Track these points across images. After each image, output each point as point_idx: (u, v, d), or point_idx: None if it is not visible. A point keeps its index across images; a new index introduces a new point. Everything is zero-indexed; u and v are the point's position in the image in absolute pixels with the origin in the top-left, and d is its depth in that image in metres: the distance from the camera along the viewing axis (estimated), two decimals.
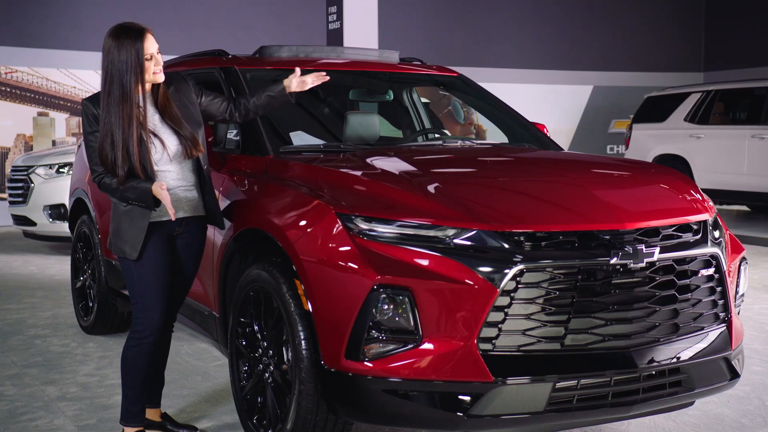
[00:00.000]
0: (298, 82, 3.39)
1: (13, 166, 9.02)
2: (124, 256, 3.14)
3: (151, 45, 3.09)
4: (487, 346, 2.68)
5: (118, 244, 3.15)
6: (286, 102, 3.42)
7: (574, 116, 15.50)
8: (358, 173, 3.16)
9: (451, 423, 2.71)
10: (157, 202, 3.03)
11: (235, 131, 3.83)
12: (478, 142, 4.46)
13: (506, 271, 2.66)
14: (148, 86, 3.13)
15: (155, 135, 3.11)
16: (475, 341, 2.66)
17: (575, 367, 2.73)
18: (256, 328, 3.24)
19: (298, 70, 3.42)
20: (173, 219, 3.08)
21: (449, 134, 5.18)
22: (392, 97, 4.95)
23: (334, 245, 2.83)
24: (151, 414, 3.44)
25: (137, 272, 3.15)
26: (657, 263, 2.85)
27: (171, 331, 3.44)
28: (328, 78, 3.45)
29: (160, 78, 3.13)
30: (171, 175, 3.16)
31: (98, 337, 5.17)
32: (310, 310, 2.89)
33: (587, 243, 2.78)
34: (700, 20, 16.53)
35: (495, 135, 4.88)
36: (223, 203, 3.58)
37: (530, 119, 4.54)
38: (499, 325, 2.68)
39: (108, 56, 3.06)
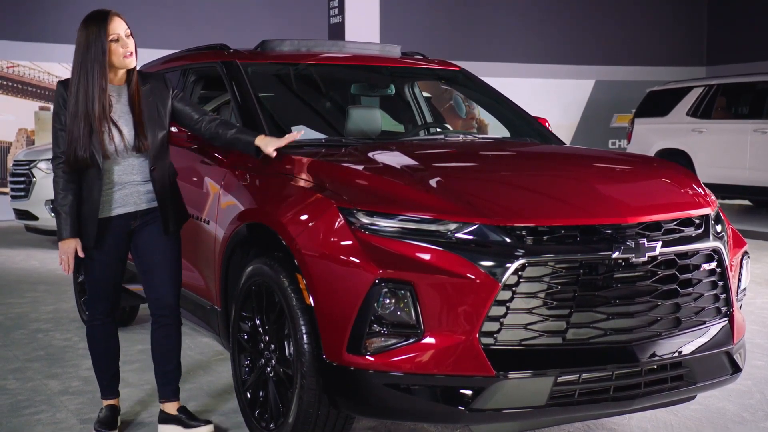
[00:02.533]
0: (267, 147, 3.30)
1: (14, 161, 9.02)
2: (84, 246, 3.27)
3: (117, 26, 3.14)
4: (489, 340, 2.68)
5: None
6: (249, 153, 3.37)
7: (575, 111, 15.49)
8: (360, 167, 3.16)
9: (452, 417, 2.72)
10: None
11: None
12: (480, 136, 4.45)
13: (508, 265, 2.65)
14: (120, 73, 3.21)
15: (115, 124, 3.17)
16: (477, 335, 2.66)
17: (577, 361, 2.72)
18: (257, 322, 3.25)
19: (278, 144, 3.30)
20: (66, 274, 3.28)
21: (451, 128, 5.18)
22: (394, 92, 4.94)
23: (335, 239, 2.83)
24: (169, 407, 3.45)
25: (88, 264, 3.29)
26: (659, 257, 2.84)
27: (179, 321, 3.46)
28: (300, 134, 3.37)
29: (130, 63, 3.18)
30: (127, 167, 3.23)
31: None
32: (312, 304, 2.89)
33: (589, 237, 2.77)
34: (702, 14, 16.49)
35: (497, 129, 4.87)
36: (225, 198, 3.58)
37: (532, 113, 4.54)
38: (501, 320, 2.67)
39: (78, 42, 3.15)
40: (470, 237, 2.73)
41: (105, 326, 3.42)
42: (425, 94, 5.28)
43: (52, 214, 8.45)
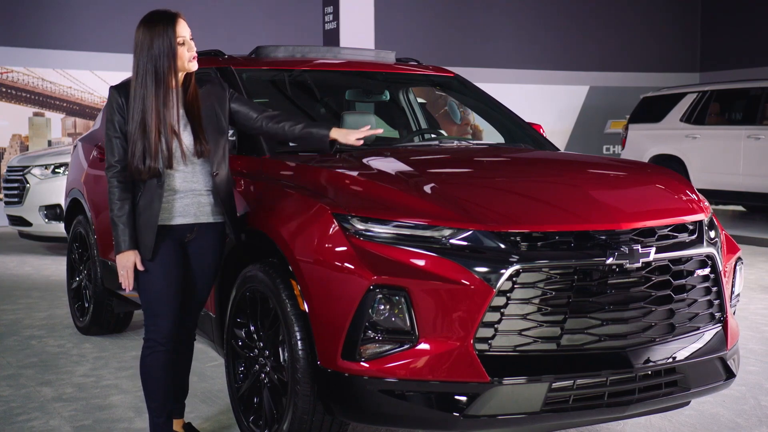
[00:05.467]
0: (347, 138, 3.24)
1: (8, 167, 9.00)
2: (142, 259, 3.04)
3: (183, 29, 2.98)
4: (484, 347, 2.68)
5: None
6: (321, 148, 3.28)
7: (570, 116, 15.52)
8: (355, 173, 3.16)
9: (447, 423, 2.71)
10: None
11: (231, 131, 3.83)
12: (475, 142, 4.46)
13: (502, 271, 2.66)
14: (180, 76, 3.03)
15: (174, 130, 2.98)
16: (472, 341, 2.66)
17: (571, 367, 2.73)
18: (252, 328, 3.24)
19: (357, 134, 3.26)
20: (126, 290, 3.02)
21: (446, 134, 5.18)
22: (388, 98, 4.95)
23: (330, 245, 2.83)
24: (174, 424, 3.30)
25: (145, 277, 3.02)
26: (653, 263, 2.85)
27: (193, 338, 3.35)
28: (380, 131, 3.28)
29: (194, 66, 3.03)
30: (185, 176, 3.03)
31: (94, 338, 5.16)
32: (307, 310, 2.89)
33: (583, 243, 2.78)
34: (696, 20, 16.56)
35: (491, 135, 4.88)
36: None
37: (526, 119, 4.54)
38: (496, 326, 2.68)
39: (140, 44, 2.95)
40: (465, 243, 2.73)
41: (167, 354, 3.04)
42: (420, 100, 5.29)
43: (46, 220, 8.43)
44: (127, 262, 2.98)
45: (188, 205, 3.06)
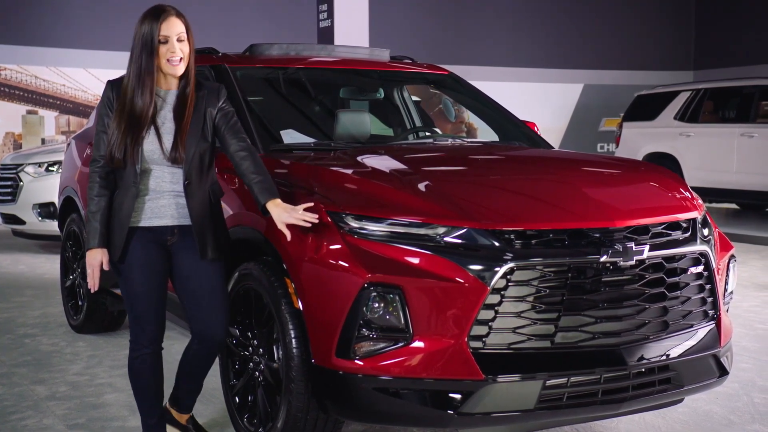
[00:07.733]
0: (280, 218, 2.89)
1: (1, 165, 8.97)
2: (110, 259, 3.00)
3: (168, 27, 2.88)
4: (478, 344, 2.68)
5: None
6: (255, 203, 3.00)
7: (564, 114, 15.55)
8: (349, 171, 3.16)
9: (441, 421, 2.72)
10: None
11: None
12: (469, 140, 4.46)
13: (497, 269, 2.66)
14: (170, 77, 2.95)
15: (157, 129, 2.92)
16: (466, 339, 2.67)
17: (565, 364, 2.73)
18: (246, 326, 3.24)
19: (290, 220, 2.86)
20: (92, 290, 2.97)
21: (440, 132, 5.18)
22: (383, 96, 4.95)
23: (324, 243, 2.83)
24: (178, 416, 3.27)
25: (126, 280, 2.97)
26: (647, 261, 2.86)
27: (219, 343, 3.10)
28: (315, 219, 2.87)
29: (175, 70, 2.91)
30: (165, 177, 2.96)
31: (88, 336, 5.15)
32: (301, 308, 2.89)
33: (577, 241, 2.78)
34: (690, 19, 16.60)
35: (486, 133, 4.88)
36: None
37: (521, 117, 4.55)
38: (490, 323, 2.68)
39: (133, 38, 2.92)
40: (459, 241, 2.73)
41: (154, 356, 3.00)
42: (414, 98, 5.29)
43: (40, 219, 8.41)
44: (93, 260, 2.94)
45: (165, 206, 2.97)
